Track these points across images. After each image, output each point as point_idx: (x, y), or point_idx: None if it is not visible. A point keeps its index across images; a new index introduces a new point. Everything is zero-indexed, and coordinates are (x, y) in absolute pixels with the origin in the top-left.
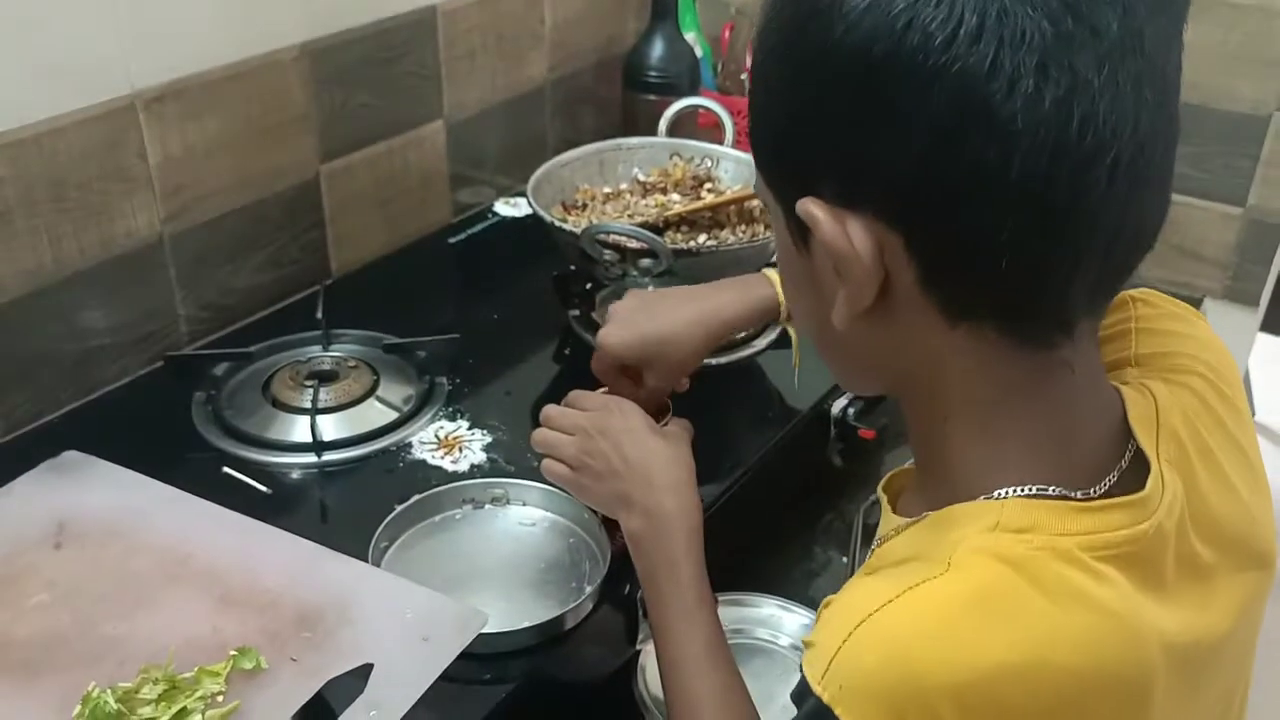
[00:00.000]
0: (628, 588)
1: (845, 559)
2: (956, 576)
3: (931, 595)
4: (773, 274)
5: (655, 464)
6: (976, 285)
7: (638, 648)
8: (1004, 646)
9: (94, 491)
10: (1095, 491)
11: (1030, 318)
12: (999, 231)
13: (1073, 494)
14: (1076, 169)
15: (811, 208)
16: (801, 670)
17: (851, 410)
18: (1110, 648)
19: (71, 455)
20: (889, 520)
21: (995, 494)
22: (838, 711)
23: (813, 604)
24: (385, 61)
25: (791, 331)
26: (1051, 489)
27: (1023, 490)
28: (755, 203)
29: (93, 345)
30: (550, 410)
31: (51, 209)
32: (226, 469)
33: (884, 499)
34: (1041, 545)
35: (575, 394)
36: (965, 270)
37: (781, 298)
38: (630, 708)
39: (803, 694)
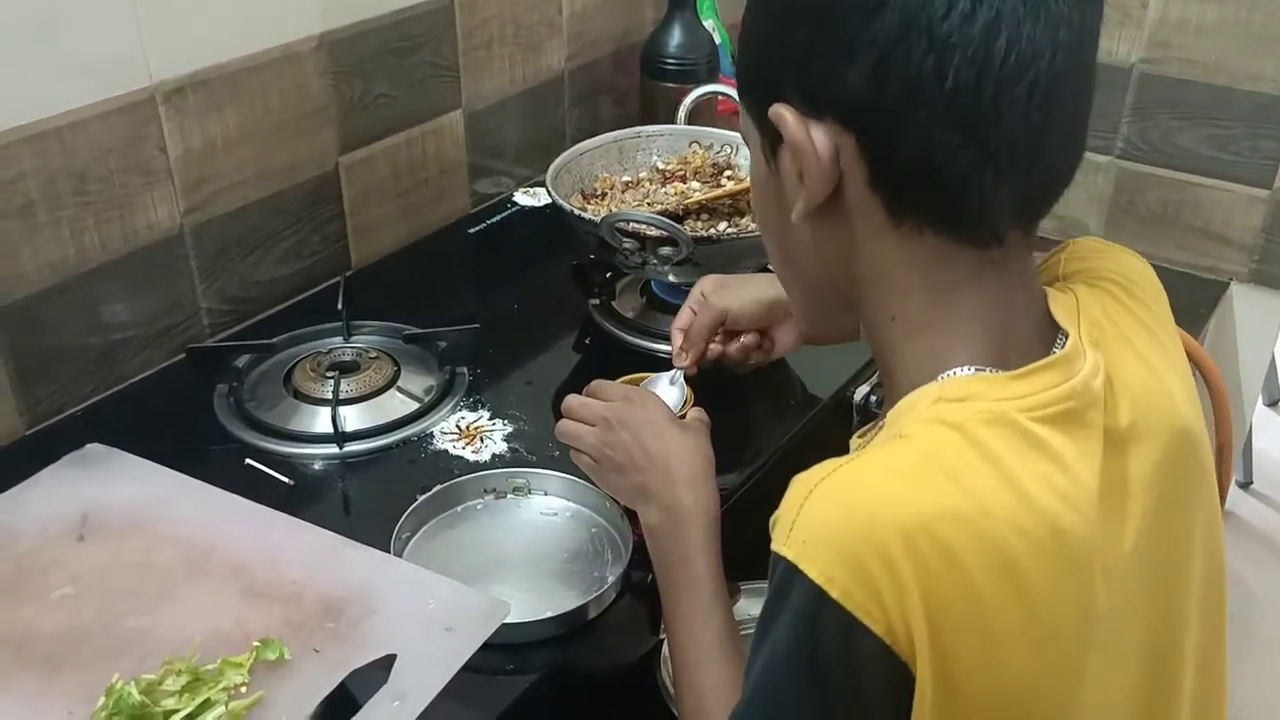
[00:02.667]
0: (650, 577)
1: None
2: (904, 443)
3: (883, 458)
4: None
5: (674, 457)
6: (914, 188)
7: (660, 636)
8: (950, 496)
9: (117, 484)
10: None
11: (961, 220)
12: (932, 137)
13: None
14: (999, 85)
15: (782, 110)
16: (771, 548)
17: (874, 397)
18: (1052, 509)
19: (95, 448)
20: (854, 443)
21: (938, 378)
22: (802, 566)
23: None
24: (403, 52)
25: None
26: (989, 370)
27: (962, 371)
28: None
29: (115, 338)
30: (571, 401)
31: (73, 202)
32: (249, 461)
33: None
34: (981, 410)
35: (597, 384)
36: (905, 173)
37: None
38: (653, 697)
39: (772, 566)
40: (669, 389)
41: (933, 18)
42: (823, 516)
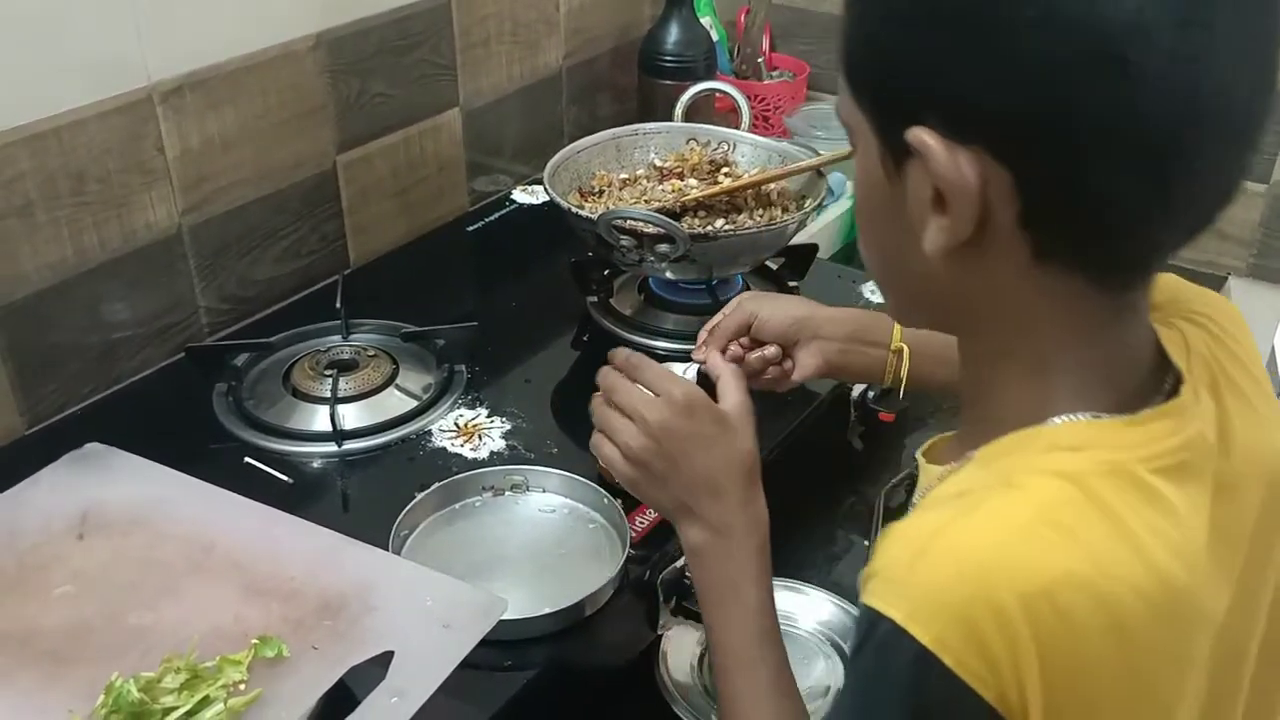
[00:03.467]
0: (648, 574)
1: (867, 543)
2: (1018, 495)
3: (996, 512)
4: (898, 328)
5: (724, 471)
6: (1076, 228)
7: (659, 633)
8: (1069, 556)
9: (117, 483)
10: (1140, 415)
11: (1118, 263)
12: (1112, 180)
13: (1119, 417)
14: (1195, 127)
15: (925, 137)
16: (862, 602)
17: (871, 394)
18: (1166, 567)
19: (94, 447)
20: (929, 473)
21: (1049, 421)
22: (913, 631)
23: (835, 588)
24: (401, 50)
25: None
26: (1105, 416)
27: (1077, 416)
28: (772, 186)
29: (114, 337)
30: (612, 379)
31: (72, 202)
32: (248, 459)
33: (922, 461)
34: (1098, 461)
35: (639, 360)
36: (1068, 213)
37: (890, 360)
38: (652, 693)
39: (871, 623)
40: None
41: (1128, 52)
42: (937, 578)
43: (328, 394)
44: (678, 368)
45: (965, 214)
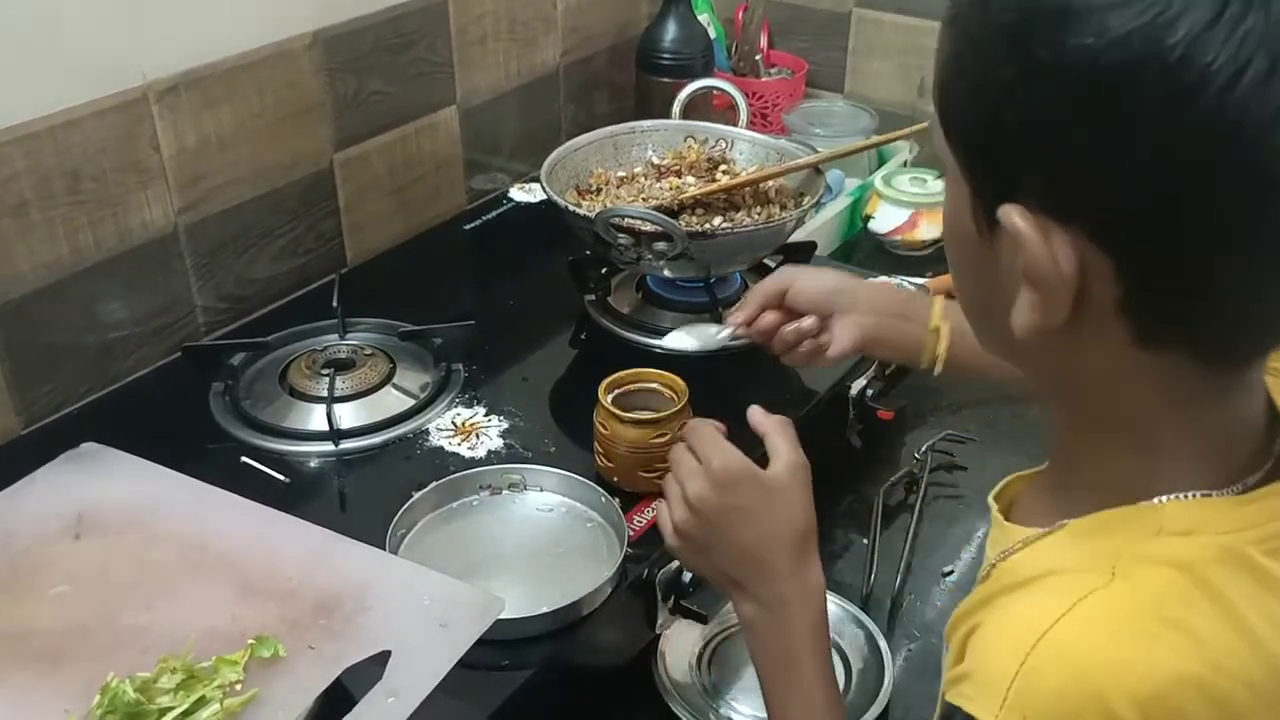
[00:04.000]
0: (646, 572)
1: (865, 541)
2: (1125, 586)
3: (1102, 607)
4: (938, 306)
5: (772, 545)
6: (1185, 319)
7: (657, 632)
8: (1183, 655)
9: (113, 482)
10: (1250, 482)
11: (1233, 349)
12: (1231, 278)
13: (1230, 490)
14: None
15: (1017, 220)
16: (952, 703)
17: (870, 391)
18: None
19: (90, 446)
20: (1008, 532)
21: (1154, 500)
22: None
23: (834, 587)
24: (398, 48)
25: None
26: (1214, 493)
27: (1185, 496)
28: (770, 184)
29: (111, 337)
30: (677, 445)
31: (67, 201)
32: (244, 458)
33: (996, 511)
34: (1210, 546)
35: (694, 424)
36: (1178, 305)
37: (928, 340)
38: (650, 692)
39: None
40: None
41: (1262, 149)
42: (1048, 687)
43: (324, 393)
44: (713, 329)
45: (1059, 300)
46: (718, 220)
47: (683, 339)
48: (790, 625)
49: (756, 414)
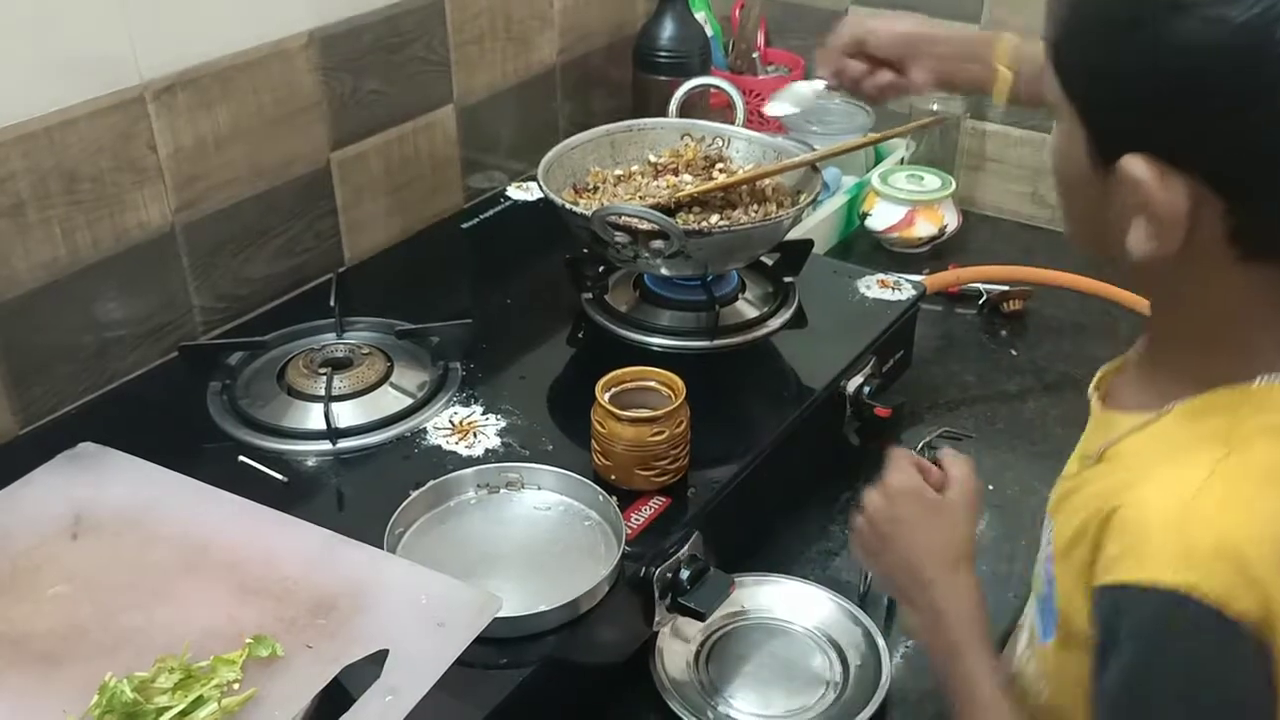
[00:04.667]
0: (643, 570)
1: None
2: (1242, 457)
3: (1229, 475)
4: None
5: (924, 558)
6: None
7: (655, 630)
8: None
9: (110, 482)
10: None
11: None
12: None
13: None
14: None
15: (1138, 169)
16: (1122, 582)
17: (867, 389)
18: None
19: (88, 447)
20: (1113, 421)
21: (1254, 382)
22: (1196, 594)
23: (831, 583)
24: (394, 47)
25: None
26: None
27: (1276, 378)
28: (767, 182)
29: (108, 337)
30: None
31: (64, 201)
32: (242, 458)
33: (1098, 400)
34: None
35: (895, 452)
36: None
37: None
38: (648, 690)
39: (1136, 601)
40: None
41: None
42: (1208, 542)
43: (322, 392)
44: (804, 88)
45: (1173, 234)
46: (715, 218)
47: (781, 106)
48: (946, 626)
49: (947, 455)
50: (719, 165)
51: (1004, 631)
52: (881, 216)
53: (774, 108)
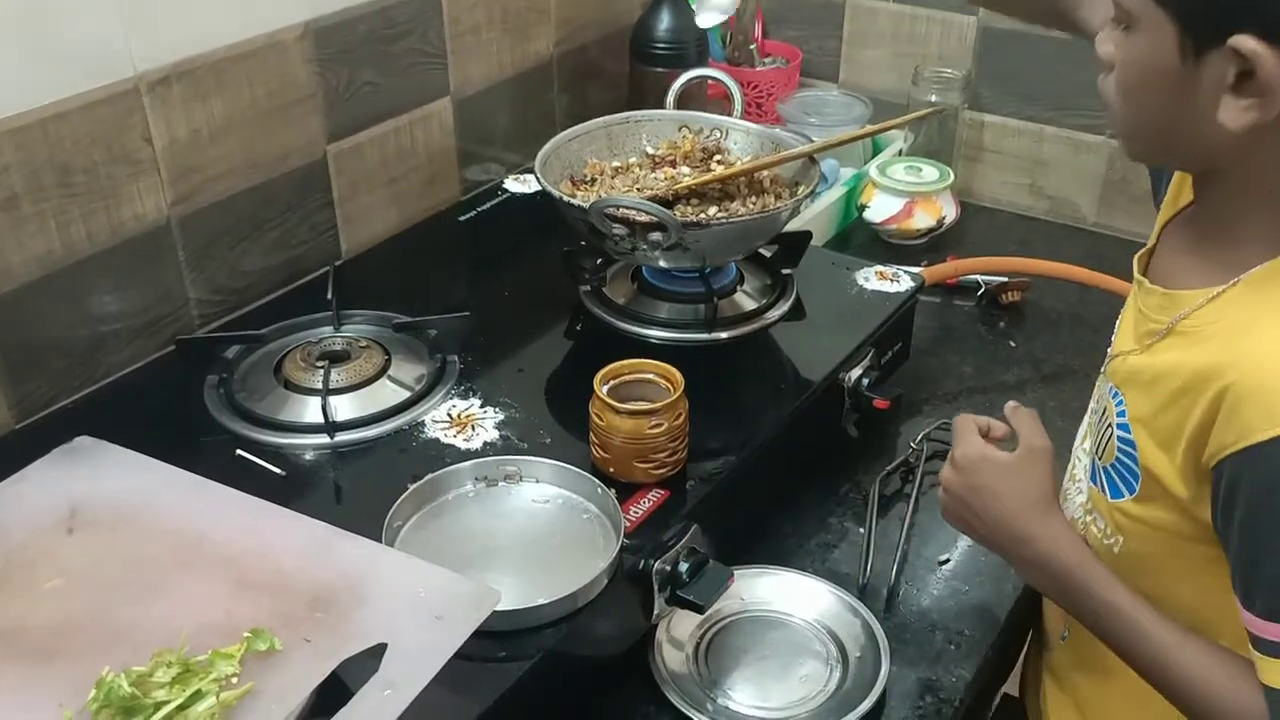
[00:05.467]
0: (642, 563)
1: (862, 530)
2: None
3: None
4: None
5: (1017, 516)
6: None
7: (653, 622)
8: None
9: (107, 476)
10: None
11: None
12: None
13: None
14: None
15: (1249, 46)
16: (1256, 444)
17: (866, 380)
18: None
19: (84, 440)
20: (1177, 298)
21: None
22: None
23: (830, 575)
24: (390, 39)
25: None
26: None
27: None
28: (765, 174)
29: (104, 330)
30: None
31: (58, 194)
32: (239, 451)
33: (1154, 285)
34: None
35: (954, 423)
36: None
37: None
38: (647, 682)
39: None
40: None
41: None
42: None
43: (319, 385)
44: None
45: (1275, 101)
46: (713, 210)
47: (710, 17)
48: (1063, 570)
49: (1009, 408)
50: (717, 157)
51: (1002, 627)
52: (880, 208)
53: (704, 19)
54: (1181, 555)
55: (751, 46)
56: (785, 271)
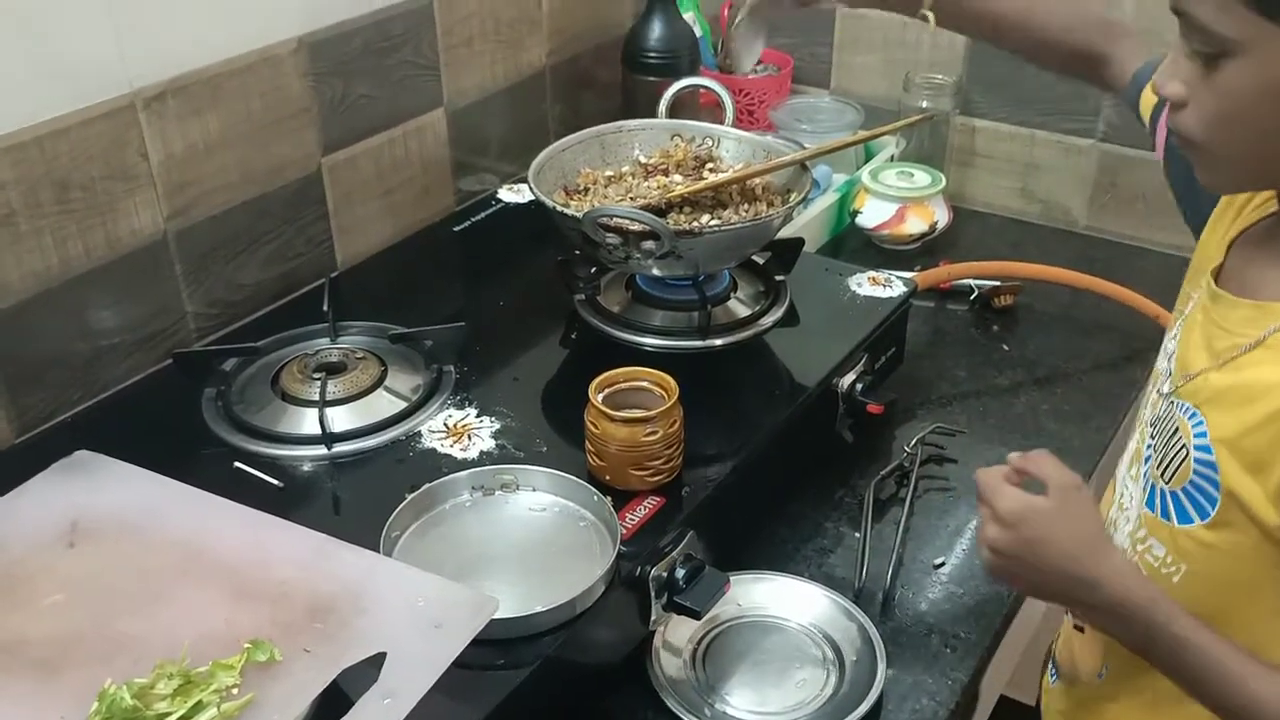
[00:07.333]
0: (639, 570)
1: (857, 535)
2: None
3: None
4: None
5: (1077, 564)
6: None
7: (650, 628)
8: None
9: (106, 490)
10: None
11: None
12: None
13: None
14: None
15: None
16: None
17: (860, 386)
18: None
19: (83, 455)
20: (1267, 310)
21: None
22: None
23: (826, 580)
24: (384, 52)
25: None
26: None
27: None
28: (758, 181)
29: (102, 345)
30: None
31: (56, 210)
32: (238, 464)
33: (1233, 295)
34: None
35: (979, 479)
36: None
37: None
38: (645, 688)
39: None
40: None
41: None
42: None
43: (316, 397)
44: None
45: None
46: (705, 218)
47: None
48: (1128, 611)
49: (1015, 458)
50: (709, 165)
51: (998, 630)
52: (872, 214)
53: (745, 63)
54: (1251, 580)
55: None
56: (778, 278)
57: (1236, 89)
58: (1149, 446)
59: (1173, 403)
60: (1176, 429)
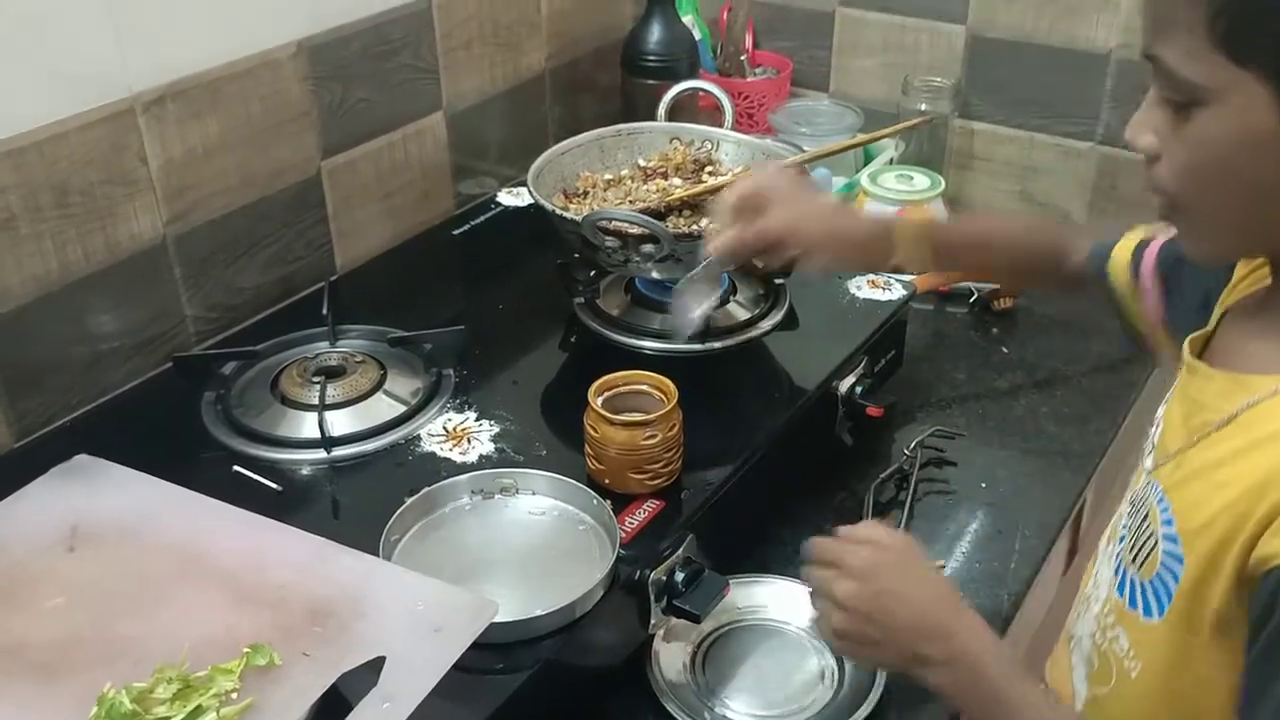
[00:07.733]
0: (638, 573)
1: None
2: None
3: None
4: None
5: (931, 611)
6: None
7: (650, 632)
8: None
9: (106, 494)
10: None
11: None
12: None
13: None
14: None
15: None
16: None
17: (859, 389)
18: None
19: (83, 459)
20: (1245, 384)
21: None
22: None
23: None
24: (383, 55)
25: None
26: None
27: None
28: None
29: (101, 349)
30: (815, 571)
31: (55, 215)
32: (237, 467)
33: (1215, 370)
34: None
35: (817, 543)
36: None
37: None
38: (645, 692)
39: None
40: (704, 290)
41: None
42: None
43: (316, 401)
44: (700, 270)
45: None
46: (704, 221)
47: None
48: (979, 669)
49: (844, 531)
50: (708, 168)
51: (997, 630)
52: None
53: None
54: (1207, 690)
55: (742, 57)
56: (777, 281)
57: (1210, 139)
58: (1124, 526)
59: (1149, 483)
60: (1147, 514)
